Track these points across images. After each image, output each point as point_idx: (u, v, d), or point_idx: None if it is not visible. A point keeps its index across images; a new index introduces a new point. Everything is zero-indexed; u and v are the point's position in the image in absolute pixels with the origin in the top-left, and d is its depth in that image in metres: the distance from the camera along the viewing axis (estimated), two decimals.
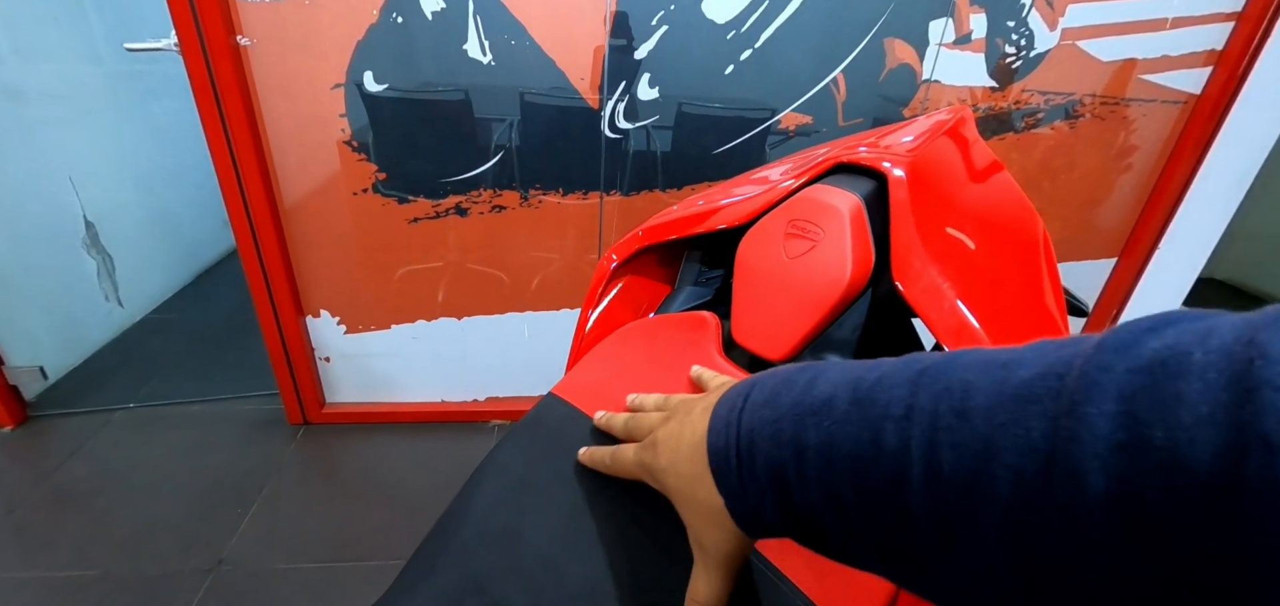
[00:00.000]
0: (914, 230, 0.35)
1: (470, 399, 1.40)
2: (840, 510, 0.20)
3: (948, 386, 0.18)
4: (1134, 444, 0.14)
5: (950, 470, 0.17)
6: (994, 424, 0.16)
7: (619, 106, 1.08)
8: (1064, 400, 0.15)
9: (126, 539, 1.10)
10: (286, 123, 1.07)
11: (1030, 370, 0.17)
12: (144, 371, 1.56)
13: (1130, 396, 0.14)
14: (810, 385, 0.22)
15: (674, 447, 0.27)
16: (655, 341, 0.41)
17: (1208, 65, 1.13)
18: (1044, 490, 0.15)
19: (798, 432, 0.21)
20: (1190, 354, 0.14)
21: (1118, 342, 0.15)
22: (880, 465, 0.19)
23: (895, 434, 0.19)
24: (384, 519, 1.16)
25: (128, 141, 1.72)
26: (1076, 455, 0.14)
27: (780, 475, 0.22)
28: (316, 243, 1.18)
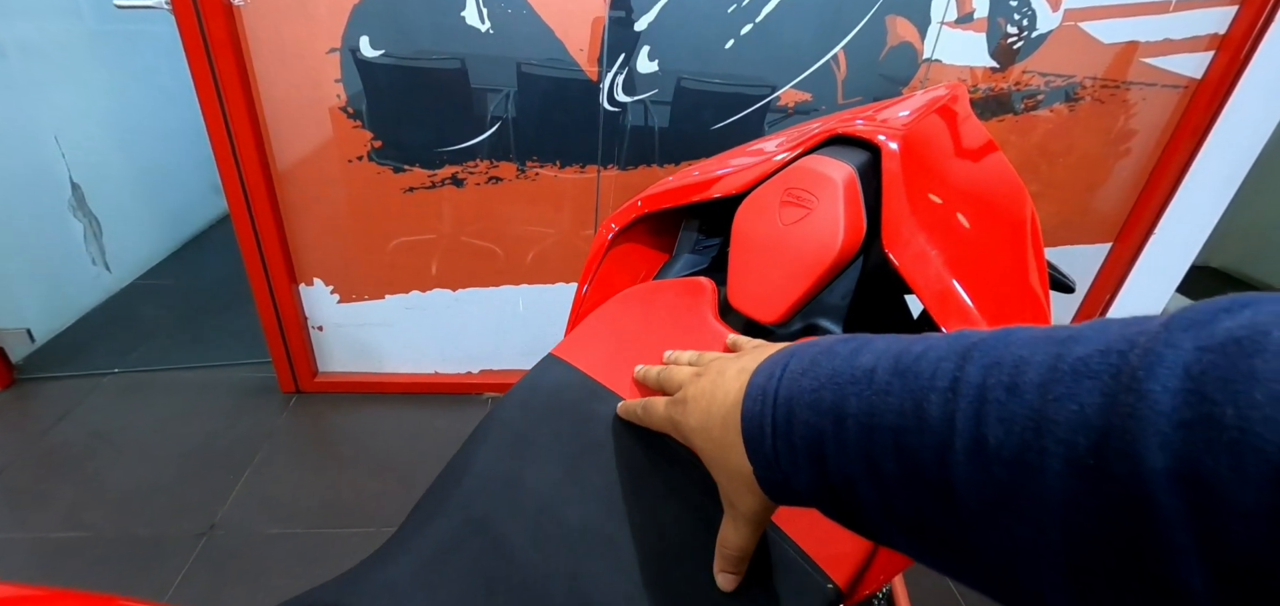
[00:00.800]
0: (905, 200, 0.36)
1: (464, 371, 1.40)
2: (878, 481, 0.20)
3: (998, 361, 0.17)
4: (1200, 421, 0.13)
5: (997, 444, 0.16)
6: (1047, 398, 0.15)
7: (618, 79, 1.07)
8: (1125, 376, 0.14)
9: (118, 501, 1.10)
10: (280, 87, 1.04)
11: (1089, 346, 0.16)
12: (133, 336, 1.55)
13: (1199, 374, 0.13)
14: (853, 355, 0.22)
15: (705, 408, 0.27)
16: (653, 305, 0.42)
17: (1210, 49, 1.13)
18: (1097, 467, 0.14)
19: (838, 401, 0.21)
20: (1268, 332, 0.13)
21: (1188, 320, 0.14)
22: (924, 436, 0.18)
23: (940, 405, 0.18)
24: (377, 487, 1.17)
25: (114, 102, 1.69)
26: (1134, 431, 0.14)
27: (817, 443, 0.21)
28: (310, 210, 1.17)
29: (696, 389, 0.28)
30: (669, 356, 0.35)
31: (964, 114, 0.48)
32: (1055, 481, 0.15)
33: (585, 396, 0.37)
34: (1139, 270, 1.34)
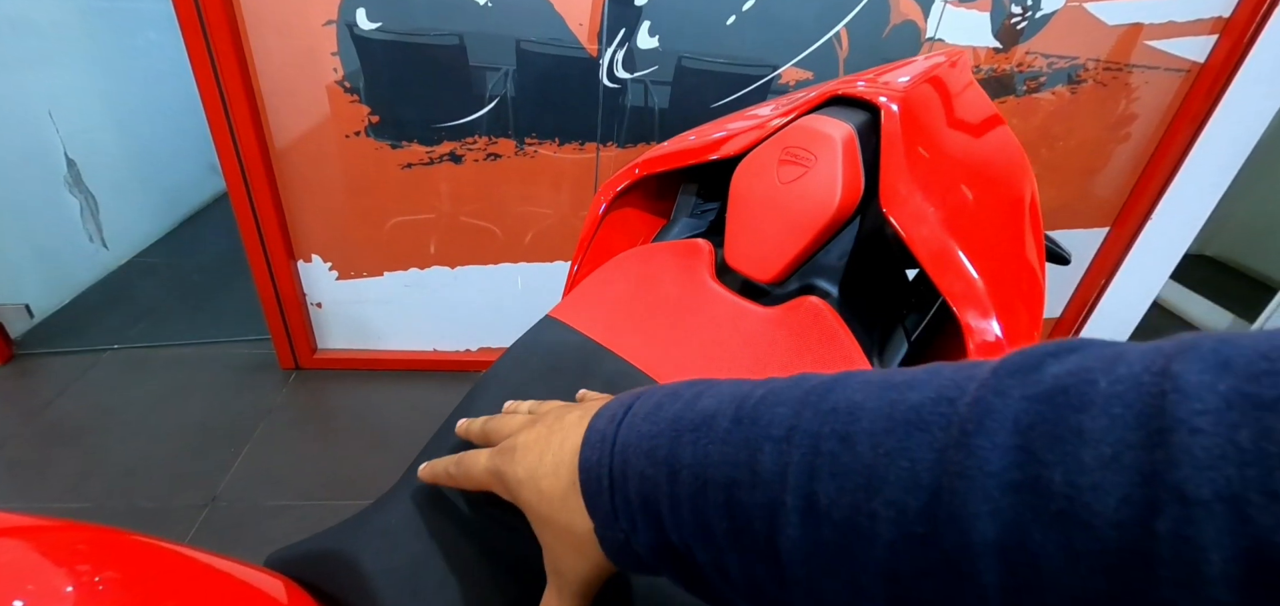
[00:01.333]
0: (903, 161, 0.36)
1: (462, 348, 1.41)
2: (711, 542, 0.18)
3: (834, 407, 0.16)
4: (1029, 484, 0.12)
5: (828, 503, 0.15)
6: (878, 452, 0.15)
7: (618, 55, 1.06)
8: (954, 429, 0.14)
9: (119, 474, 1.11)
10: (277, 59, 1.03)
11: (922, 393, 0.15)
12: (132, 313, 1.55)
13: (1027, 428, 0.12)
14: (695, 399, 0.20)
15: (536, 457, 0.24)
16: (650, 266, 0.42)
17: (1214, 33, 1.12)
18: (927, 535, 0.13)
19: (673, 450, 0.19)
20: (1095, 382, 0.12)
21: (1015, 366, 0.14)
22: (755, 492, 0.17)
23: (773, 457, 0.17)
24: (377, 461, 1.18)
25: (108, 79, 1.67)
26: (963, 493, 0.13)
27: (653, 498, 0.20)
28: (307, 186, 1.17)
29: (529, 436, 0.25)
30: (508, 407, 0.31)
31: (965, 81, 0.47)
32: (883, 550, 0.14)
33: (582, 355, 0.37)
34: (1134, 256, 1.35)
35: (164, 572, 0.22)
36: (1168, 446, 0.10)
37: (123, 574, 0.21)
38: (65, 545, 0.21)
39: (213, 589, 0.23)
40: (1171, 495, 0.10)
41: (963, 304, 0.32)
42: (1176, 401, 0.11)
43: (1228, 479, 0.10)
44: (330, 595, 0.28)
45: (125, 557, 0.22)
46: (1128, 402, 0.11)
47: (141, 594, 0.20)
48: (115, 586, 0.20)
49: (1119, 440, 0.11)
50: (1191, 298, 1.82)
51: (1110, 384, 0.12)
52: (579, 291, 0.42)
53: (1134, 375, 0.12)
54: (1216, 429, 0.10)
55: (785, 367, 0.34)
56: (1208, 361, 0.11)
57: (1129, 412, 0.11)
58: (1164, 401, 0.11)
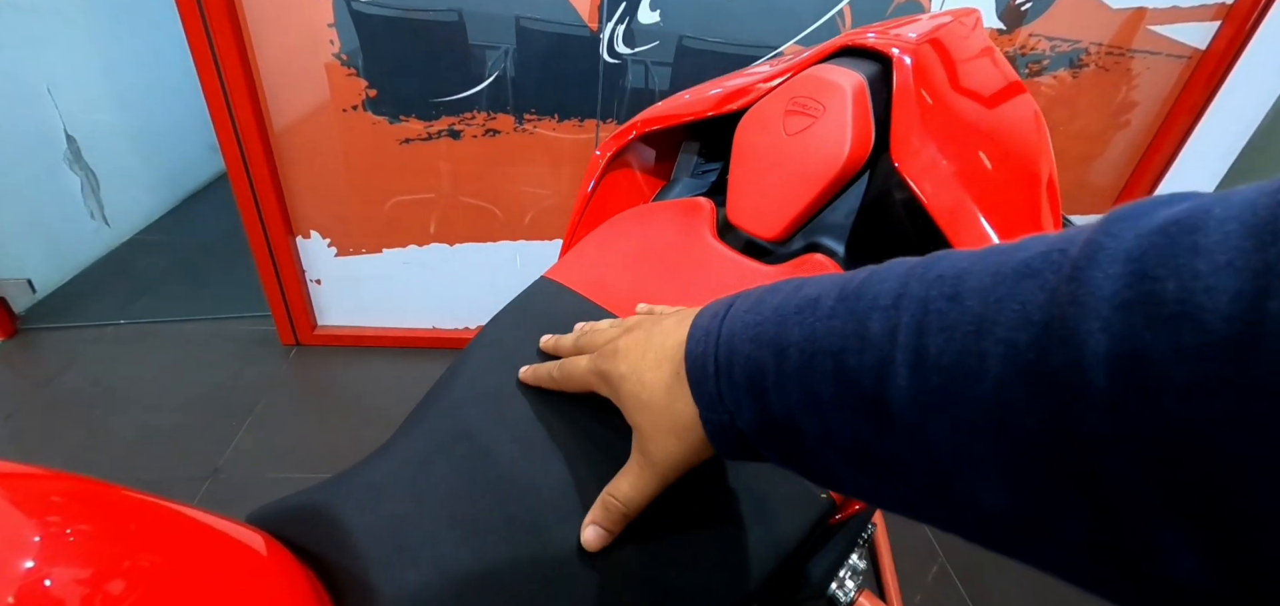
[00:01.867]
0: (916, 112, 0.34)
1: (461, 326, 1.42)
2: (817, 409, 0.19)
3: (941, 274, 0.17)
4: (1141, 300, 0.12)
5: (938, 352, 0.16)
6: (988, 302, 0.15)
7: (618, 30, 1.05)
8: (1066, 268, 0.14)
9: (123, 446, 1.13)
10: (274, 33, 1.03)
11: (1031, 250, 0.15)
12: (134, 289, 1.55)
13: (1140, 256, 0.13)
14: (798, 289, 0.21)
15: (639, 354, 0.26)
16: (649, 226, 0.41)
17: (1216, 19, 1.11)
18: (1037, 362, 0.14)
19: (780, 331, 0.20)
20: (1210, 211, 0.12)
21: (1127, 212, 0.14)
22: (863, 355, 0.17)
23: (882, 322, 0.17)
24: (377, 436, 1.17)
25: (107, 55, 1.66)
26: (1075, 319, 0.13)
27: (759, 377, 0.21)
28: (305, 161, 1.17)
29: (629, 339, 0.27)
30: (584, 326, 0.33)
31: (982, 41, 0.45)
32: (992, 383, 0.14)
33: (578, 314, 0.36)
34: None
35: (140, 525, 0.21)
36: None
37: (96, 526, 0.20)
38: (37, 494, 0.20)
39: (190, 542, 0.22)
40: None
41: None
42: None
43: None
44: (312, 553, 0.27)
45: (100, 508, 0.21)
46: (1242, 220, 0.11)
47: (115, 546, 0.19)
48: (87, 538, 0.19)
49: (1234, 248, 0.11)
50: None
51: (1225, 210, 0.12)
52: (576, 251, 0.41)
53: (1248, 199, 0.12)
54: None
55: None
56: None
57: (1243, 227, 0.11)
58: (1277, 210, 0.11)
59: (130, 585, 0.18)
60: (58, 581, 0.17)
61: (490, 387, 0.33)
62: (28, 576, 0.17)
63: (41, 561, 0.18)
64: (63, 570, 0.18)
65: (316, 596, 0.25)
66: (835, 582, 0.44)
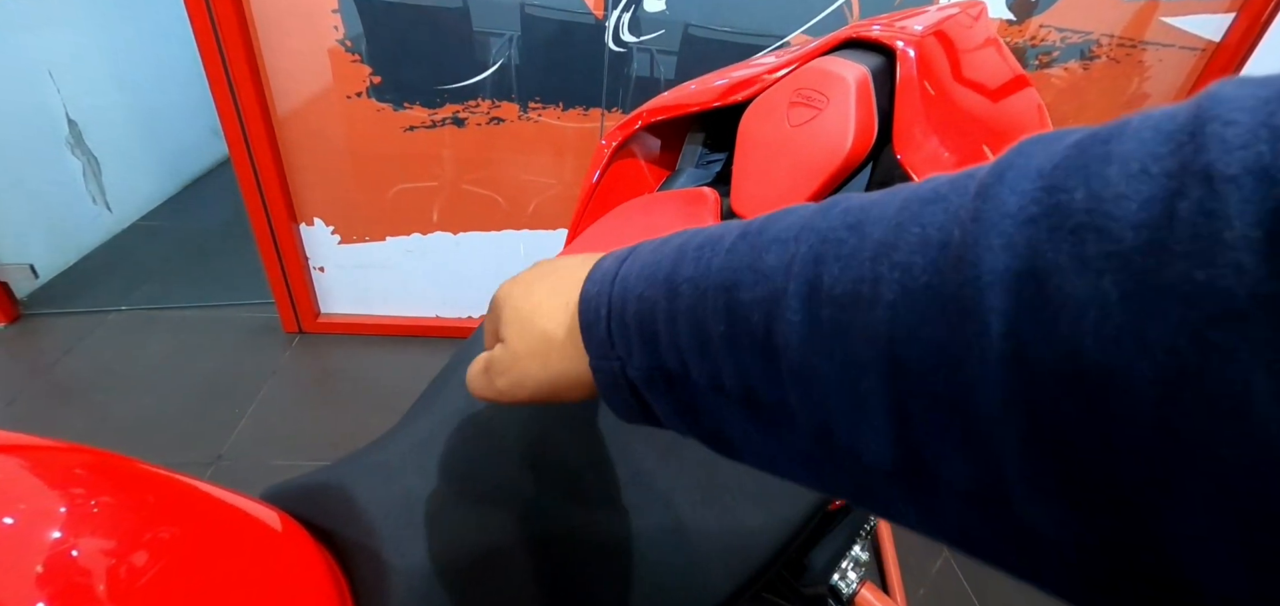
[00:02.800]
0: (919, 104, 0.35)
1: (464, 315, 1.41)
2: (706, 349, 0.18)
3: (847, 207, 0.15)
4: (1047, 213, 0.11)
5: (831, 283, 0.14)
6: (889, 227, 0.14)
7: (624, 18, 1.04)
8: (973, 188, 0.13)
9: (126, 431, 1.13)
10: (278, 20, 1.02)
11: (940, 179, 0.14)
12: (136, 275, 1.55)
13: (1052, 169, 0.11)
14: (702, 230, 0.20)
15: (536, 277, 0.24)
16: (654, 214, 0.41)
17: (1231, 11, 1.10)
18: (932, 283, 0.12)
19: (675, 269, 0.19)
20: (1127, 122, 0.11)
21: (1041, 137, 0.13)
22: (756, 288, 0.16)
23: (778, 255, 0.16)
24: (380, 424, 1.18)
25: (108, 39, 1.65)
26: (975, 235, 0.12)
27: (649, 318, 0.19)
28: (309, 147, 1.16)
29: (533, 271, 0.25)
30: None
31: (987, 36, 0.46)
32: (885, 310, 0.13)
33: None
34: None
35: (160, 498, 0.22)
36: (1198, 139, 0.10)
37: (118, 499, 0.20)
38: (62, 466, 0.20)
39: (208, 516, 0.23)
40: (1196, 178, 0.09)
41: None
42: (1211, 105, 0.10)
43: (1258, 155, 0.09)
44: (324, 529, 0.28)
45: (122, 482, 0.21)
46: (1159, 127, 0.10)
47: (137, 518, 0.20)
48: (110, 510, 0.20)
49: (1147, 153, 0.10)
50: None
51: (1142, 119, 0.11)
52: (581, 240, 0.42)
53: (1168, 111, 0.11)
54: (1251, 119, 0.09)
55: None
56: (1244, 82, 0.10)
57: (1160, 133, 0.10)
58: (1198, 111, 0.10)
59: (153, 556, 0.19)
60: (84, 551, 0.18)
61: None
62: (56, 546, 0.17)
63: (68, 532, 0.18)
64: (89, 540, 0.18)
65: (330, 570, 0.25)
66: (837, 573, 0.45)
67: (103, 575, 0.17)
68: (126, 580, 0.18)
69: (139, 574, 0.18)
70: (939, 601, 0.96)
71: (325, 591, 0.24)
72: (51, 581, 0.16)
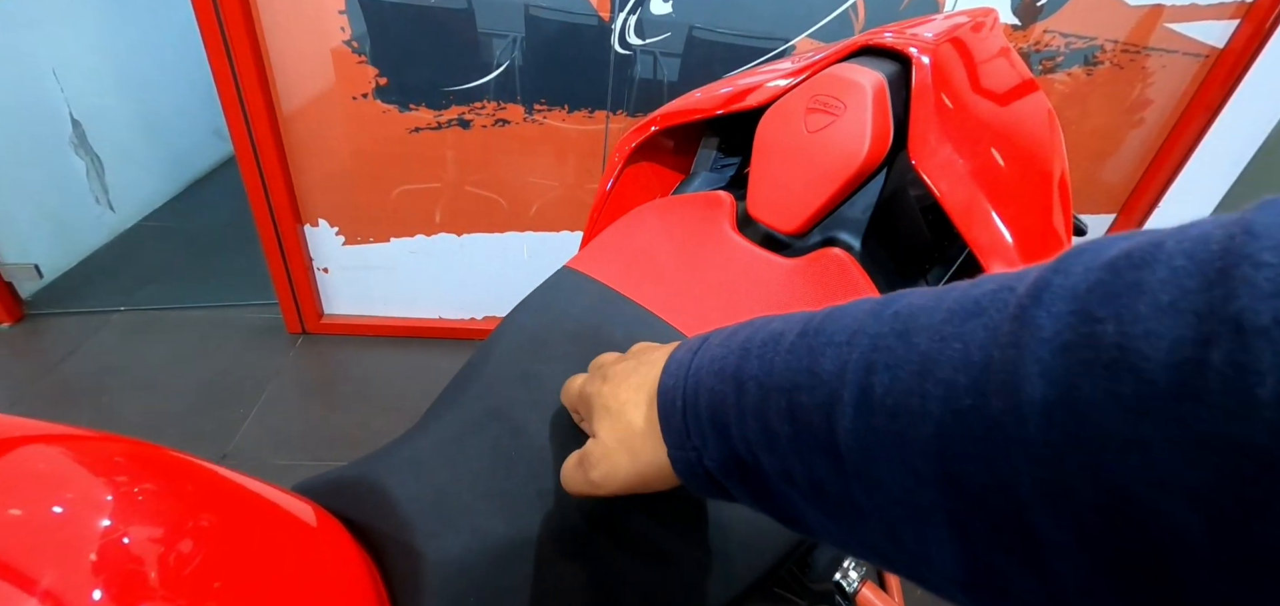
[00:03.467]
0: (933, 112, 0.36)
1: (468, 317, 1.42)
2: (775, 446, 0.19)
3: (896, 312, 0.16)
4: (1081, 342, 0.11)
5: (883, 391, 0.15)
6: (934, 340, 0.14)
7: (630, 21, 1.05)
8: (1012, 307, 0.13)
9: (130, 431, 1.13)
10: (283, 20, 1.02)
11: (984, 287, 0.14)
12: (140, 275, 1.55)
13: (1085, 293, 0.12)
14: (767, 322, 0.21)
15: (622, 377, 0.25)
16: (669, 218, 0.42)
17: (1235, 18, 1.10)
18: (975, 406, 0.13)
19: (741, 366, 0.20)
20: (1161, 244, 0.11)
21: (1082, 248, 0.13)
22: (815, 392, 0.17)
23: (834, 359, 0.17)
24: (384, 424, 1.19)
25: (112, 38, 1.65)
26: (1014, 361, 0.12)
27: (721, 411, 0.20)
28: (315, 148, 1.16)
29: (620, 367, 0.26)
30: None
31: (999, 42, 0.46)
32: (932, 428, 0.14)
33: (601, 303, 0.37)
34: None
35: (198, 487, 0.22)
36: (1228, 282, 0.09)
37: (159, 486, 0.21)
38: (102, 455, 0.21)
39: (246, 506, 0.23)
40: (1227, 325, 0.09)
41: (989, 256, 0.32)
42: (1244, 242, 0.10)
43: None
44: (359, 523, 0.29)
45: (161, 470, 0.22)
46: (1192, 255, 0.10)
47: (180, 506, 0.20)
48: (153, 497, 0.20)
49: (1178, 287, 0.10)
50: None
51: (1177, 243, 0.11)
52: (598, 242, 0.42)
53: (1204, 232, 0.11)
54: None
55: None
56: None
57: (1192, 263, 0.10)
58: (1231, 244, 0.10)
59: (198, 543, 0.19)
60: (135, 539, 0.18)
61: (520, 371, 0.35)
62: (107, 534, 0.18)
63: (118, 520, 0.18)
64: (138, 528, 0.18)
65: (365, 562, 0.26)
66: (839, 572, 0.45)
67: (154, 562, 0.18)
68: (175, 567, 0.18)
69: (187, 561, 0.18)
70: (936, 601, 0.96)
71: (362, 582, 0.25)
72: (106, 569, 0.17)
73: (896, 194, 0.39)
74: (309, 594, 0.22)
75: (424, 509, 0.28)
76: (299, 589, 0.22)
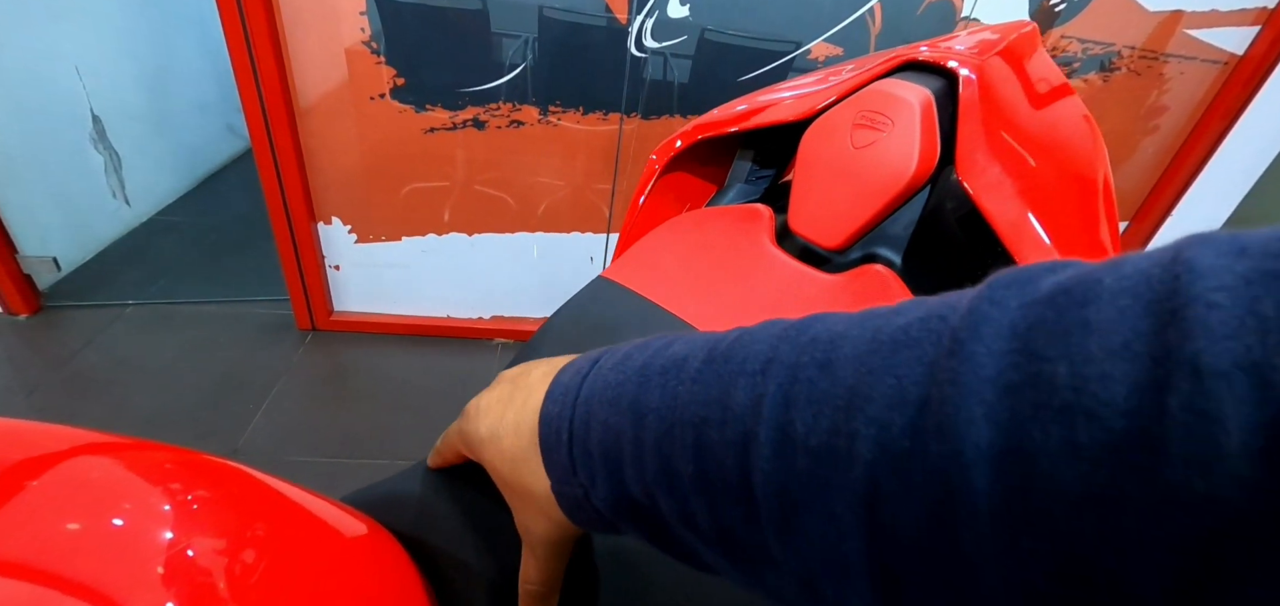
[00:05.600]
0: (980, 128, 0.35)
1: (476, 316, 1.42)
2: (676, 488, 0.17)
3: (814, 337, 0.15)
4: (1028, 382, 0.11)
5: (805, 430, 0.14)
6: (861, 372, 0.13)
7: (648, 23, 1.05)
8: (945, 340, 0.12)
9: (143, 424, 1.14)
10: (304, 18, 1.03)
11: (909, 315, 0.14)
12: (154, 270, 1.57)
13: (1027, 330, 0.11)
14: (667, 346, 0.19)
15: (498, 415, 0.23)
16: (705, 229, 0.41)
17: (1256, 24, 1.09)
18: (912, 449, 0.12)
19: (639, 395, 0.18)
20: (1099, 280, 0.11)
21: (1010, 280, 0.12)
22: (726, 428, 0.16)
23: (747, 390, 0.15)
24: (393, 421, 1.20)
25: (132, 34, 1.67)
26: (955, 400, 0.11)
27: (614, 448, 0.18)
28: (331, 147, 1.17)
29: (491, 395, 0.24)
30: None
31: (1037, 51, 0.46)
32: (862, 471, 0.13)
33: (639, 314, 0.37)
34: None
35: (249, 496, 0.22)
36: (1182, 323, 0.09)
37: (213, 494, 0.20)
38: (154, 464, 0.20)
39: (299, 518, 0.23)
40: (1185, 369, 0.09)
41: None
42: (1190, 281, 0.10)
43: (1248, 348, 0.09)
44: (410, 536, 0.28)
45: (212, 479, 0.21)
46: (1136, 294, 0.10)
47: (236, 516, 0.20)
48: (209, 507, 0.19)
49: (1130, 327, 0.10)
50: None
51: (1116, 280, 0.11)
52: (633, 252, 0.41)
53: (1141, 270, 0.10)
54: (1235, 303, 0.09)
55: None
56: (1222, 247, 0.10)
57: (1138, 303, 0.10)
58: (1176, 284, 0.10)
59: (260, 554, 0.19)
60: (198, 550, 0.18)
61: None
62: (171, 546, 0.17)
63: (179, 531, 0.18)
64: (200, 539, 0.18)
65: (417, 575, 0.25)
66: None
67: (221, 573, 0.17)
68: (241, 577, 0.18)
69: (251, 571, 0.18)
70: None
71: (417, 595, 0.24)
72: (175, 581, 0.16)
73: (938, 210, 0.39)
74: (370, 604, 0.22)
75: (476, 522, 0.27)
76: (360, 599, 0.21)
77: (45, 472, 0.18)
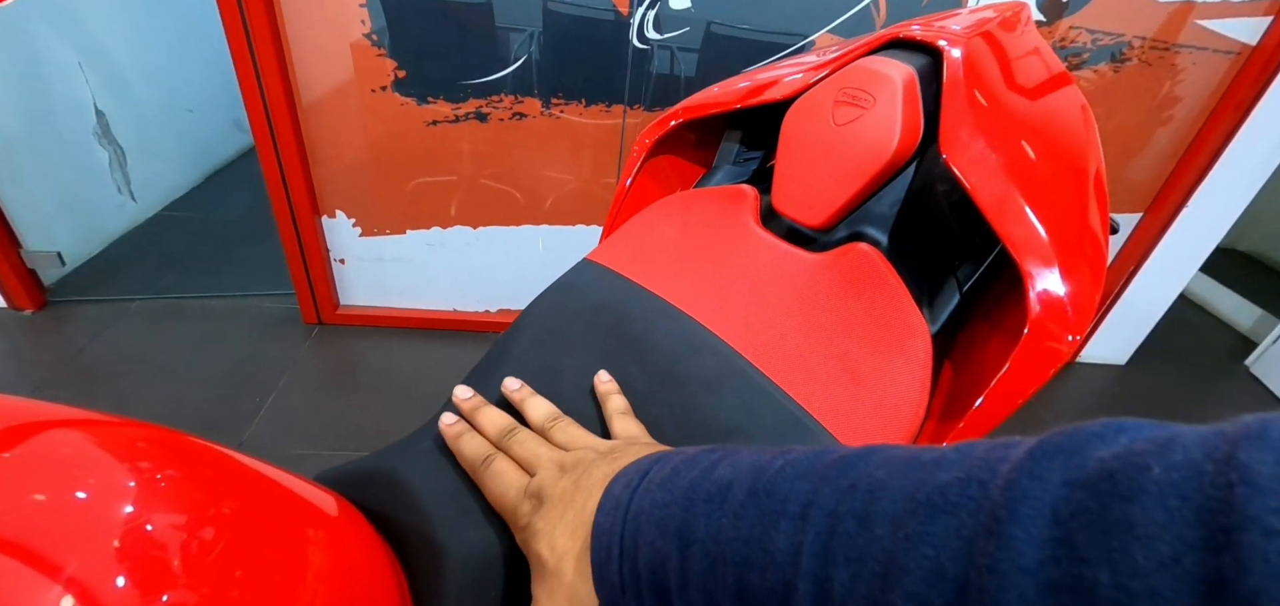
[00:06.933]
0: (965, 105, 0.35)
1: (482, 309, 1.42)
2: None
3: (854, 483, 0.15)
4: (1070, 584, 0.10)
5: (842, 592, 0.14)
6: (899, 535, 0.14)
7: (649, 15, 1.04)
8: (984, 514, 0.12)
9: (150, 417, 1.13)
10: (305, 12, 1.03)
11: (949, 473, 0.14)
12: (160, 265, 1.58)
13: (1068, 518, 0.11)
14: (713, 466, 0.19)
15: (559, 514, 0.23)
16: (692, 211, 0.41)
17: (1269, 14, 1.07)
18: None
19: (686, 522, 0.18)
20: (1147, 468, 0.11)
21: (1054, 447, 0.12)
22: (767, 573, 0.16)
23: (788, 535, 0.16)
24: (398, 415, 1.20)
25: (135, 30, 1.67)
26: (994, 591, 0.11)
27: (662, 573, 0.19)
28: (333, 140, 1.17)
29: (559, 489, 0.24)
30: (517, 395, 0.30)
31: (1030, 35, 0.45)
32: None
33: (621, 294, 0.37)
34: (1164, 245, 1.32)
35: (221, 475, 0.22)
36: (1237, 548, 0.09)
37: (182, 472, 0.20)
38: (125, 441, 0.20)
39: (267, 495, 0.23)
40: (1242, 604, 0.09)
41: (1024, 252, 0.31)
42: (1246, 495, 0.09)
43: None
44: (380, 513, 0.28)
45: (183, 456, 0.21)
46: (1185, 495, 0.10)
47: (202, 493, 0.20)
48: (176, 484, 0.20)
49: (1178, 538, 0.09)
50: (1220, 291, 1.78)
51: (1165, 470, 0.10)
52: (618, 235, 0.41)
53: (1192, 462, 0.10)
54: None
55: (832, 311, 0.33)
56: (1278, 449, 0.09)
57: (1187, 506, 0.10)
58: (1231, 495, 0.09)
59: (221, 531, 0.19)
60: (157, 525, 0.18)
61: (540, 363, 0.34)
62: (130, 520, 0.17)
63: (140, 506, 0.18)
64: (160, 515, 0.18)
65: (385, 552, 0.25)
66: None
67: (176, 549, 0.18)
68: (198, 554, 0.18)
69: (209, 548, 0.18)
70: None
71: (383, 573, 0.25)
72: (129, 555, 0.17)
73: (924, 189, 0.38)
74: (331, 583, 0.22)
75: (445, 501, 0.27)
76: (321, 578, 0.22)
77: (16, 446, 0.18)
